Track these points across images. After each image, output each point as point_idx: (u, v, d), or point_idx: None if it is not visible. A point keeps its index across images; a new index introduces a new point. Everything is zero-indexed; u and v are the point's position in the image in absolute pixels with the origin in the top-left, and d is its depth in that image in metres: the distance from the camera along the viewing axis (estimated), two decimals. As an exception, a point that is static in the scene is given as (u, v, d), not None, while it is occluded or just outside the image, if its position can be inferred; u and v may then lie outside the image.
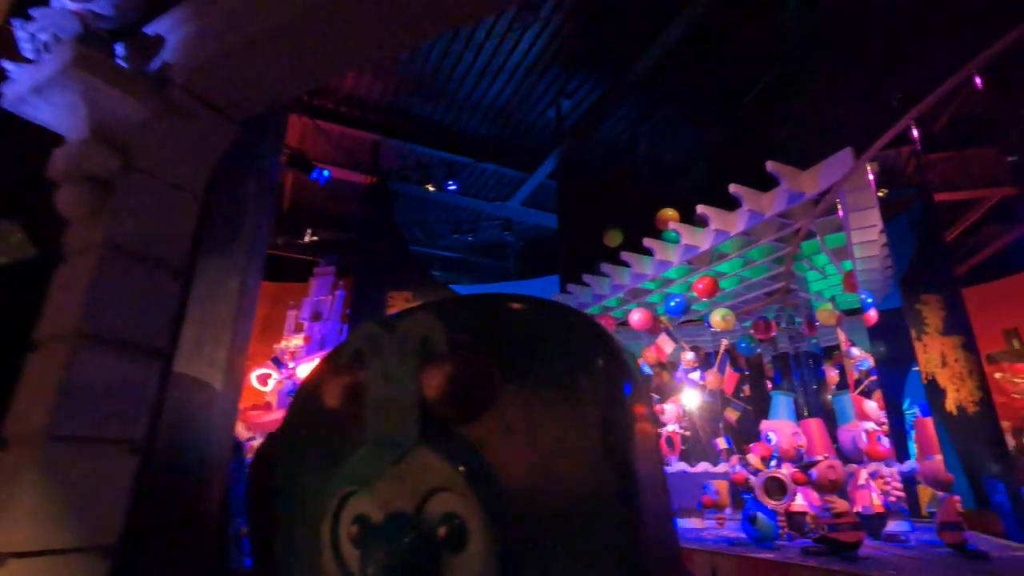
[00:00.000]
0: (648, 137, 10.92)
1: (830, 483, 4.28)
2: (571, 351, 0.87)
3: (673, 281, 7.56)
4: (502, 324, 0.92)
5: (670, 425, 7.11)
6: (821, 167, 5.19)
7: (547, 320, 0.92)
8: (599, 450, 0.77)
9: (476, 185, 12.32)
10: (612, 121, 10.93)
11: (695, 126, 9.83)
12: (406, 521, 0.79)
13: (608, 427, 0.79)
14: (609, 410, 0.81)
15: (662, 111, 10.34)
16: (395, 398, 0.85)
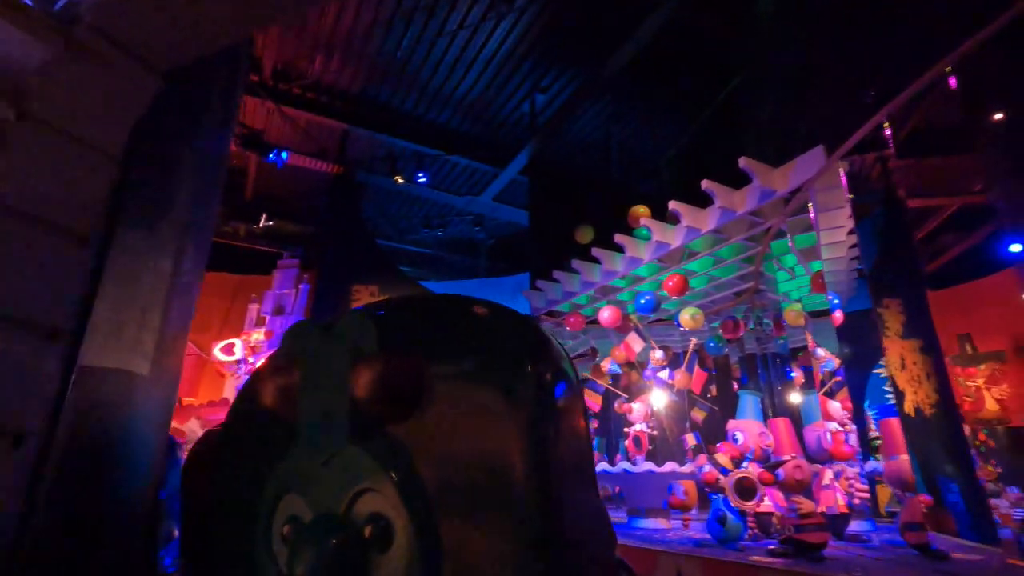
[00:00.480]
0: (621, 135, 10.86)
1: (797, 483, 4.22)
2: (503, 352, 0.88)
3: (643, 279, 7.48)
4: (435, 324, 0.94)
5: (638, 424, 7.02)
6: (793, 165, 5.15)
7: (481, 320, 0.95)
8: (523, 453, 0.78)
9: (447, 179, 12.08)
10: (586, 118, 10.83)
11: (668, 124, 9.80)
12: (335, 521, 0.80)
13: (534, 430, 0.80)
14: (537, 413, 0.82)
15: (635, 109, 10.30)
16: (326, 398, 0.86)
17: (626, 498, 6.99)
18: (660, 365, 7.06)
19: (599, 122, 11.07)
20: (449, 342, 0.88)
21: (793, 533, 4.05)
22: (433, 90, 10.28)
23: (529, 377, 0.84)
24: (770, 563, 3.93)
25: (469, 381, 0.84)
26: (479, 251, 16.33)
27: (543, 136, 10.35)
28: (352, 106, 10.43)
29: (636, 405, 7.08)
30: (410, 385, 0.82)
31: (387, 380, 0.82)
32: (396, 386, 0.82)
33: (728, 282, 7.62)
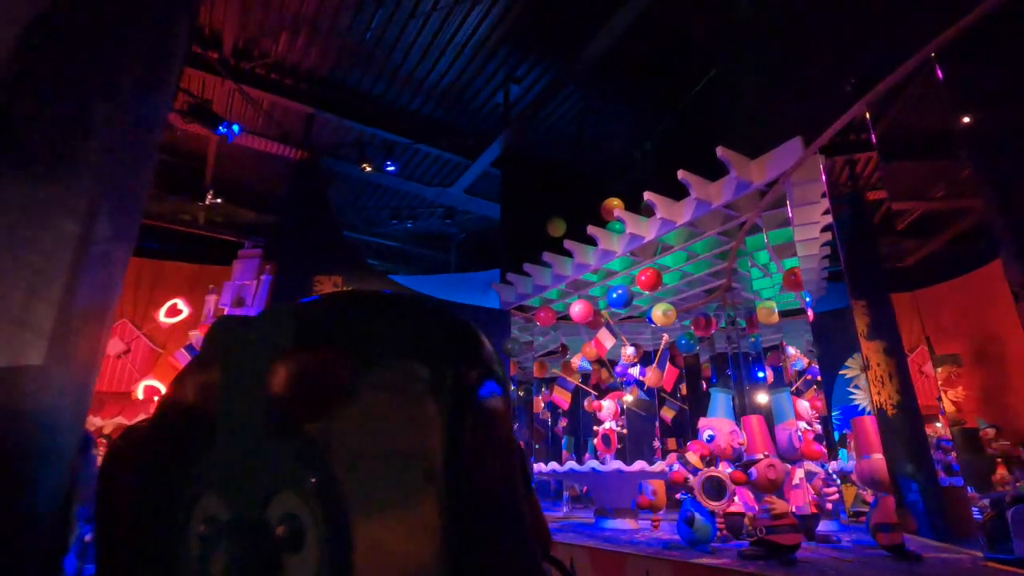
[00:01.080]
0: (595, 128, 10.69)
1: (770, 483, 4.07)
2: (428, 350, 0.77)
3: (616, 273, 7.31)
4: (359, 319, 0.81)
5: (607, 422, 6.84)
6: (770, 156, 5.03)
7: (407, 316, 0.83)
8: (442, 453, 0.69)
9: (417, 169, 11.73)
10: (560, 111, 10.63)
11: (642, 118, 9.66)
12: (250, 520, 0.71)
13: (454, 430, 0.71)
14: (458, 413, 0.74)
15: (609, 103, 10.14)
16: (244, 396, 0.76)
17: (594, 498, 6.80)
18: (631, 361, 6.89)
19: (573, 115, 10.89)
20: (372, 338, 0.79)
21: (765, 534, 3.90)
22: (404, 75, 9.93)
23: (453, 376, 0.75)
24: (741, 567, 3.76)
25: (390, 379, 0.75)
26: (449, 246, 16.01)
27: (517, 127, 10.12)
28: (318, 89, 10.00)
29: (606, 402, 6.90)
30: (327, 382, 0.75)
31: (303, 377, 0.76)
32: (312, 383, 0.76)
33: (700, 279, 7.52)
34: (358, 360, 0.73)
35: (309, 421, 0.65)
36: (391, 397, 0.72)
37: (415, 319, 0.80)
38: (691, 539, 4.46)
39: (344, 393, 0.72)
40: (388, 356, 0.76)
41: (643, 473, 6.10)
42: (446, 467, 0.66)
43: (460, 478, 0.67)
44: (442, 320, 0.81)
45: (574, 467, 6.24)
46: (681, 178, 5.43)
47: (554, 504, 11.03)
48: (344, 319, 0.78)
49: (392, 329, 0.81)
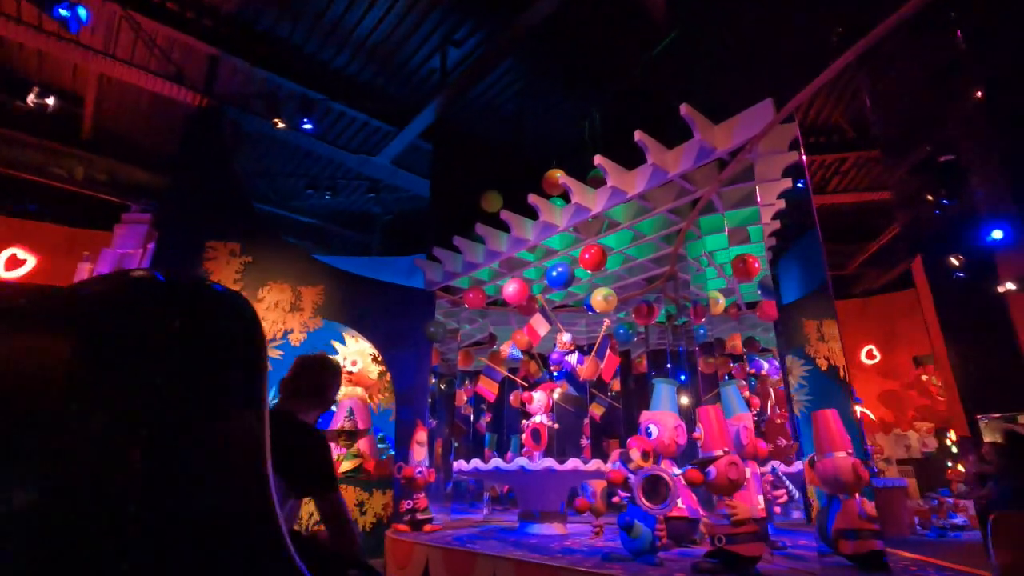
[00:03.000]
0: (538, 99, 10.01)
1: (730, 484, 3.51)
2: (151, 325, 0.93)
3: (555, 253, 6.64)
4: (82, 300, 0.96)
5: (538, 416, 6.15)
6: (738, 119, 4.52)
7: (125, 293, 0.98)
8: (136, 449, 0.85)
9: (339, 133, 10.54)
10: (504, 82, 9.87)
11: (590, 91, 9.07)
12: None
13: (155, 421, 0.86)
14: (169, 405, 0.88)
15: (555, 75, 9.48)
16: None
17: (519, 499, 6.08)
18: (567, 349, 6.24)
19: (514, 91, 10.17)
20: (96, 319, 0.92)
21: (726, 544, 3.32)
22: (328, 25, 8.78)
23: (171, 361, 0.91)
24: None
25: (114, 358, 0.89)
26: (373, 227, 14.83)
27: (453, 94, 9.24)
28: (225, 28, 8.65)
29: (537, 394, 6.20)
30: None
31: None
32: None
33: (643, 264, 7.01)
34: (84, 343, 0.87)
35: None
36: (119, 375, 0.88)
37: (138, 294, 0.96)
38: (634, 548, 3.83)
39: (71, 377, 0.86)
40: (116, 336, 0.91)
41: (577, 473, 5.45)
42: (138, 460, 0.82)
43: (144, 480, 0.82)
44: (166, 296, 0.97)
45: (499, 465, 5.48)
46: (638, 139, 4.82)
47: (472, 506, 10.22)
48: (72, 301, 0.94)
49: (119, 309, 0.95)
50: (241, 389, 1.00)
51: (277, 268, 7.79)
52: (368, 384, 9.39)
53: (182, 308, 0.97)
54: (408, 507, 5.85)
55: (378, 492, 7.25)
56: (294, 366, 2.35)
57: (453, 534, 5.61)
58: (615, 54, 7.88)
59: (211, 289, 1.09)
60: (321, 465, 2.00)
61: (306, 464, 1.93)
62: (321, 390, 2.30)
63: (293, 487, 1.91)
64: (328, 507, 1.93)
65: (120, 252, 11.02)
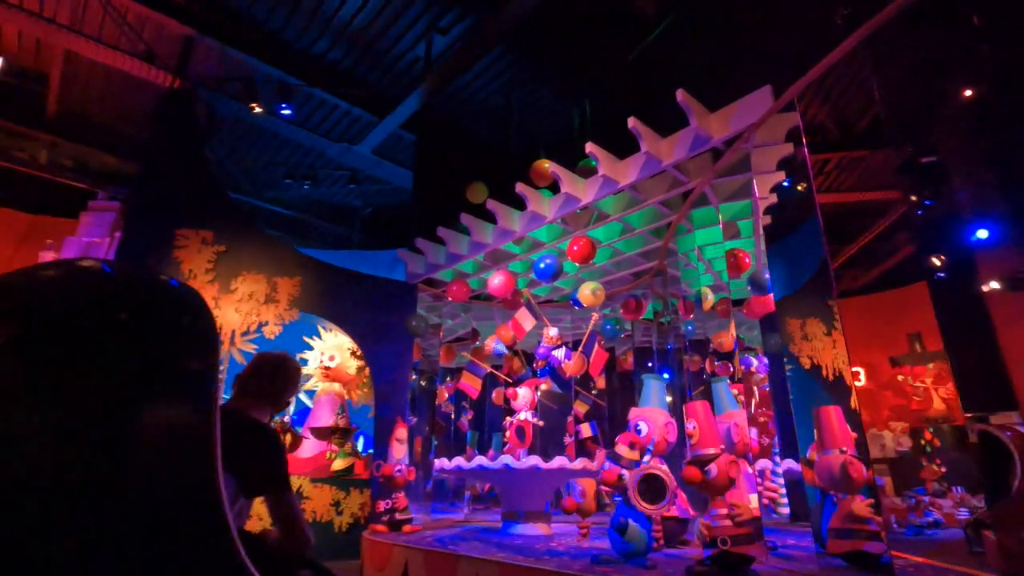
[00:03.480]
0: (525, 92, 9.82)
1: (731, 483, 3.37)
2: (95, 316, 0.91)
3: (542, 245, 6.46)
4: (24, 288, 0.93)
5: (522, 413, 5.96)
6: (735, 106, 4.38)
7: (70, 282, 0.96)
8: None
9: (319, 121, 10.21)
10: (490, 72, 9.67)
11: (580, 80, 8.91)
12: None
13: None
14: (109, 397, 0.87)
15: (543, 65, 9.30)
16: None
17: (502, 498, 5.89)
18: (554, 344, 6.07)
19: (502, 83, 9.97)
20: (40, 309, 0.90)
21: (731, 546, 3.17)
22: (308, 8, 8.48)
23: (113, 354, 0.88)
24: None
25: (61, 351, 0.87)
26: (353, 220, 14.50)
27: (437, 83, 8.99)
28: (199, 7, 8.28)
29: (522, 391, 6.02)
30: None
31: None
32: None
33: (631, 259, 6.87)
34: (31, 331, 0.87)
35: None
36: (63, 372, 0.86)
37: (81, 286, 0.96)
38: (624, 550, 3.66)
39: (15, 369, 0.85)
40: (60, 326, 0.89)
41: (563, 471, 5.28)
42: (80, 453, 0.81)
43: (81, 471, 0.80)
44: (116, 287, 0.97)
45: (483, 463, 5.28)
46: (632, 126, 4.66)
47: (452, 505, 10.01)
48: (18, 292, 0.92)
49: (62, 297, 0.93)
50: (189, 386, 0.99)
51: (252, 258, 7.47)
52: (346, 380, 9.11)
53: (130, 301, 0.96)
54: (387, 507, 5.62)
55: (355, 491, 7.00)
56: (251, 363, 2.31)
57: (433, 535, 5.40)
58: (605, 45, 7.73)
59: (163, 283, 1.06)
60: (273, 464, 1.95)
61: (258, 463, 1.89)
62: (277, 390, 2.25)
63: (244, 487, 1.85)
64: (280, 507, 1.88)
65: (86, 241, 10.55)
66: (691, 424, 3.62)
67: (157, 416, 0.92)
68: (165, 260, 7.06)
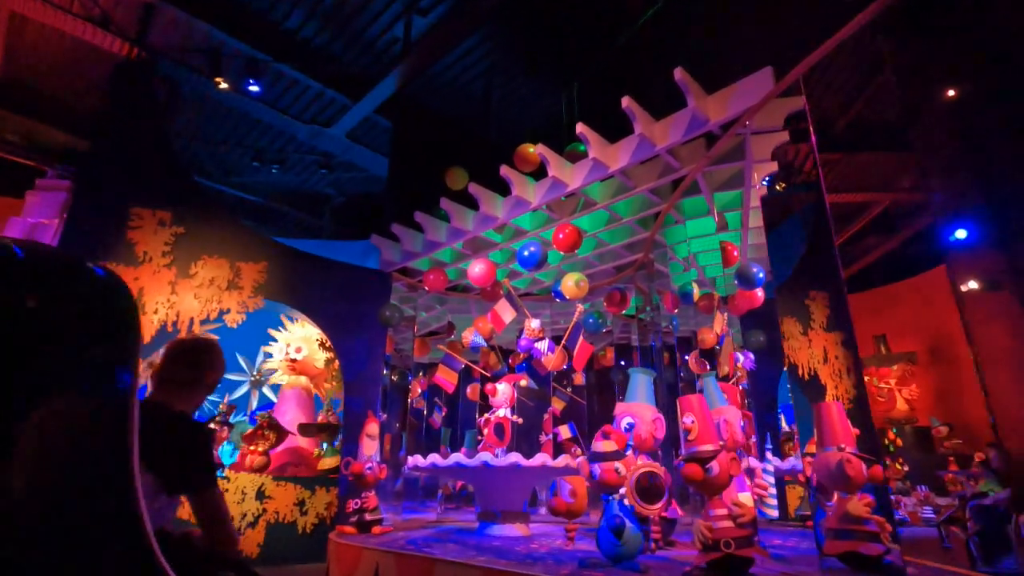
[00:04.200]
0: (507, 78, 9.54)
1: (730, 481, 3.16)
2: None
3: (526, 233, 6.19)
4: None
5: (501, 409, 5.68)
6: (735, 88, 4.19)
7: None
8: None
9: (290, 102, 9.72)
10: (472, 56, 9.35)
11: (566, 66, 8.66)
12: None
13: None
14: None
15: (526, 46, 9.02)
16: None
17: (478, 498, 5.61)
18: (536, 336, 5.80)
19: (482, 68, 9.67)
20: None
21: (735, 548, 2.96)
22: (281, -22, 8.05)
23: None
24: (696, 593, 2.77)
25: None
26: (323, 209, 13.98)
27: (415, 66, 8.63)
28: (162, -28, 7.74)
29: (502, 386, 5.74)
30: None
31: None
32: None
33: (614, 251, 6.67)
34: None
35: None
36: None
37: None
38: (616, 553, 3.42)
39: None
40: None
41: (545, 469, 5.02)
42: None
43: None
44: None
45: (461, 460, 4.99)
46: (626, 106, 4.43)
47: (423, 504, 9.67)
48: None
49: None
50: (104, 378, 0.96)
51: (214, 241, 7.00)
52: (314, 373, 8.69)
53: (42, 286, 0.92)
54: (355, 507, 5.27)
55: (321, 490, 6.62)
56: (166, 350, 2.16)
57: (406, 536, 5.08)
58: (592, 29, 7.50)
59: (78, 267, 1.01)
60: (196, 459, 1.87)
61: (179, 458, 1.80)
62: (198, 377, 2.12)
63: (164, 484, 1.77)
64: (203, 505, 1.82)
65: (31, 222, 9.85)
66: (689, 418, 3.40)
67: (58, 410, 0.88)
68: (117, 241, 6.55)
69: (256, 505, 6.36)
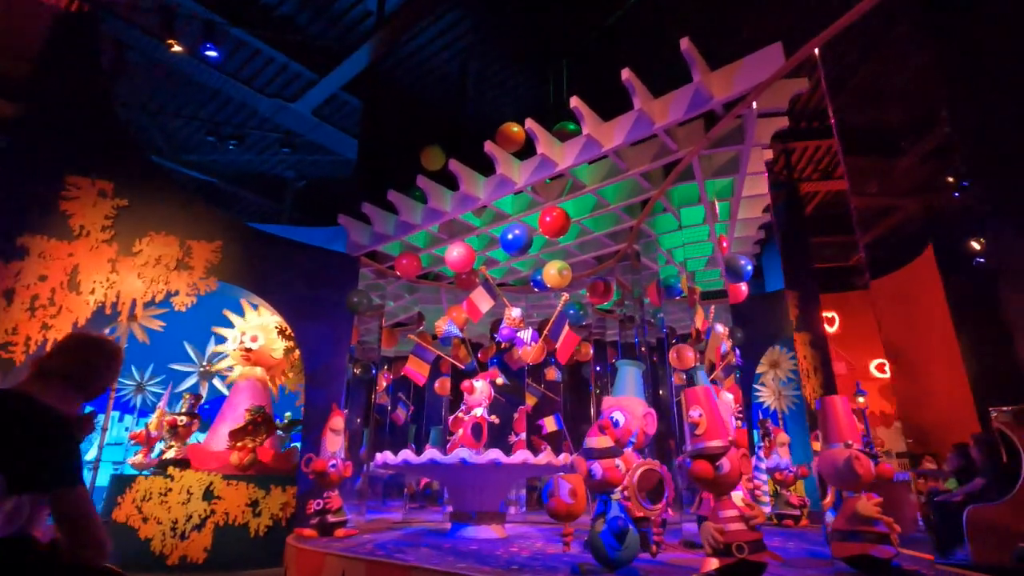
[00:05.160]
0: (486, 60, 9.16)
1: (740, 480, 2.91)
2: None
3: (507, 217, 5.84)
4: None
5: (478, 408, 5.32)
6: (742, 63, 3.96)
7: None
8: None
9: (250, 71, 9.06)
10: (449, 35, 8.92)
11: (552, 46, 8.34)
12: None
13: None
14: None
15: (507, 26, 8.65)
16: None
17: (452, 498, 5.23)
18: (517, 326, 5.46)
19: (459, 48, 9.25)
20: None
21: (749, 553, 2.70)
22: (244, -64, 7.44)
23: None
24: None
25: None
26: (284, 193, 13.24)
27: (388, 40, 8.15)
28: (110, -80, 7.02)
29: (479, 384, 5.37)
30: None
31: None
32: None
33: (597, 239, 6.40)
34: None
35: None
36: None
37: None
38: (614, 559, 3.12)
39: None
40: None
41: (527, 466, 4.70)
42: None
43: None
44: None
45: (437, 457, 4.59)
46: (626, 79, 4.14)
47: (384, 504, 9.19)
48: None
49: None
50: None
51: (162, 216, 6.36)
52: (270, 364, 8.07)
53: None
54: (317, 507, 4.81)
55: (276, 489, 6.08)
56: (62, 340, 2.04)
57: (373, 539, 4.66)
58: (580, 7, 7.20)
59: None
60: (50, 455, 1.71)
61: (28, 455, 1.66)
62: (85, 377, 1.95)
63: (14, 483, 1.62)
64: (59, 506, 1.70)
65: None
66: (696, 412, 3.13)
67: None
68: (47, 211, 5.87)
69: (203, 506, 5.79)
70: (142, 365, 12.63)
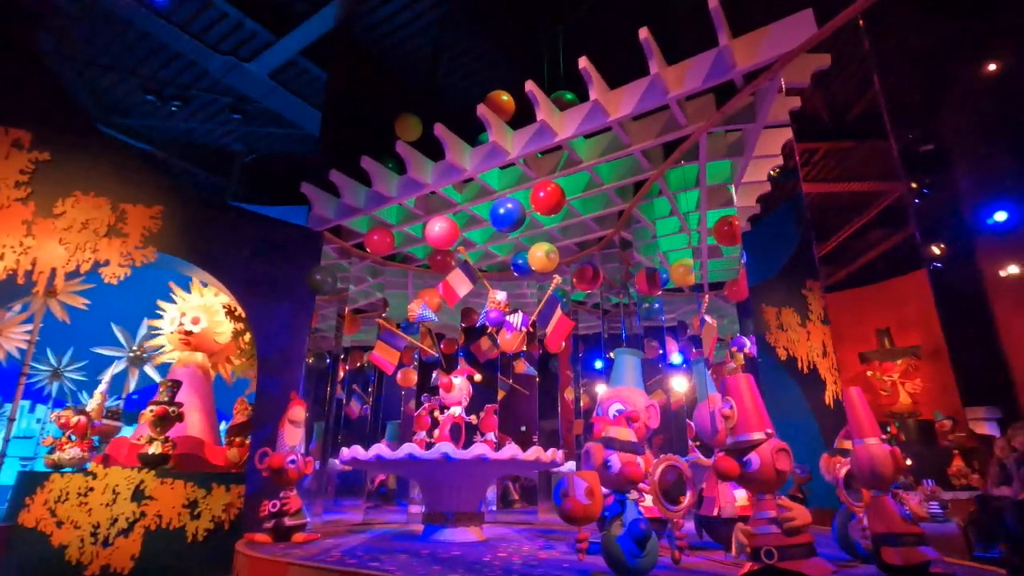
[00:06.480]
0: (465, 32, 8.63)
1: (777, 477, 2.60)
2: None
3: (492, 193, 5.38)
4: None
5: (455, 408, 4.84)
6: (769, 30, 3.67)
7: None
8: None
9: (201, 25, 8.14)
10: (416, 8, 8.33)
11: (539, 20, 7.91)
12: None
13: None
14: None
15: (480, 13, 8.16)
16: None
17: (426, 497, 4.74)
18: (501, 310, 5.01)
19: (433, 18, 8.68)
20: None
21: (779, 560, 2.37)
22: None
23: None
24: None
25: None
26: (231, 167, 12.19)
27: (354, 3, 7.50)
28: None
29: (458, 380, 4.90)
30: None
31: None
32: None
33: (584, 223, 6.06)
34: None
35: None
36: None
37: None
38: (633, 567, 2.74)
39: None
40: None
41: (515, 463, 4.27)
42: None
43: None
44: None
45: (415, 452, 4.09)
46: (643, 39, 3.78)
47: (337, 503, 8.51)
48: None
49: None
50: None
51: (90, 173, 5.53)
52: (214, 349, 7.27)
53: None
54: (273, 509, 4.20)
55: (219, 488, 5.37)
56: None
57: (337, 544, 4.10)
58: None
59: None
60: None
61: None
62: None
63: None
64: None
65: None
66: (727, 404, 2.80)
67: None
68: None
69: (131, 508, 5.04)
70: (60, 348, 11.31)
